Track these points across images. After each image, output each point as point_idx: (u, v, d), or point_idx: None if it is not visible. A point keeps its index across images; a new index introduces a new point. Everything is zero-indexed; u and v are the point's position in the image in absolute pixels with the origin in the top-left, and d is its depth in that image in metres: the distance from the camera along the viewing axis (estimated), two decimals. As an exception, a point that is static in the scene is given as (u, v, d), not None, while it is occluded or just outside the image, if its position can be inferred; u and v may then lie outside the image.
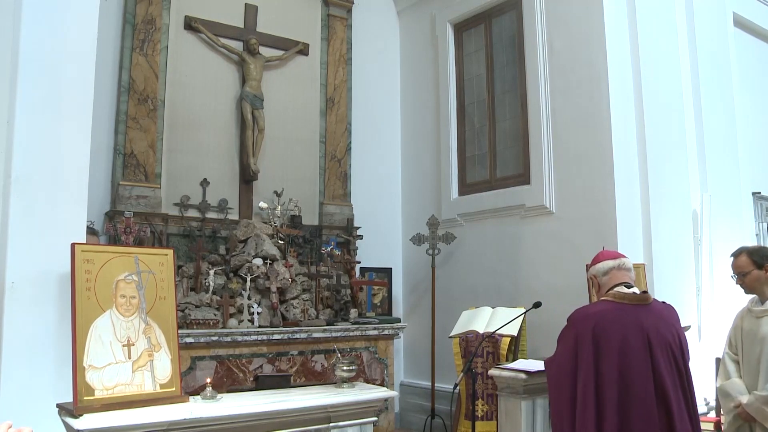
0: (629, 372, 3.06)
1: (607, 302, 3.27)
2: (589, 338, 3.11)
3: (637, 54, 6.20)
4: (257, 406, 3.25)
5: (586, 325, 3.16)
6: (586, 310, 3.28)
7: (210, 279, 5.87)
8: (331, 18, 7.69)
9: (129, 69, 6.28)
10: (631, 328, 3.14)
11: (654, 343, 3.14)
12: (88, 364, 2.98)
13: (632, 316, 3.18)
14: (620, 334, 3.11)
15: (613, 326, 3.13)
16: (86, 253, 3.12)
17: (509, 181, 6.98)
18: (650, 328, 3.17)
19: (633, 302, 3.26)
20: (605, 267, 3.40)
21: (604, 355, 3.08)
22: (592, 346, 3.10)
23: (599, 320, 3.16)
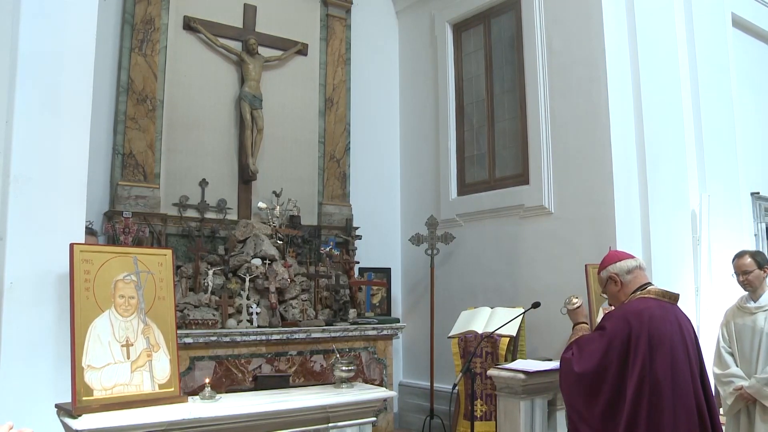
0: (677, 370, 3.06)
1: (650, 299, 3.22)
2: (645, 334, 3.05)
3: (636, 54, 6.20)
4: (256, 407, 3.25)
5: (641, 320, 3.09)
6: (635, 306, 3.17)
7: (209, 279, 5.87)
8: (330, 18, 7.69)
9: (128, 69, 6.28)
10: (675, 326, 3.15)
11: (688, 341, 3.18)
12: (87, 364, 2.98)
13: (672, 314, 3.20)
14: (669, 332, 3.10)
15: (664, 324, 3.11)
16: (85, 253, 3.12)
17: (508, 181, 6.98)
18: (683, 326, 3.20)
19: (670, 300, 3.27)
20: (629, 266, 3.34)
21: (658, 354, 3.04)
22: (647, 342, 3.04)
23: (652, 315, 3.11)
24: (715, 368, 4.70)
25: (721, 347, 4.69)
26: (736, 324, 4.62)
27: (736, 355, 4.61)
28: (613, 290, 3.36)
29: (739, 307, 4.67)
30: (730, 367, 4.58)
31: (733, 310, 4.72)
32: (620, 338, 3.10)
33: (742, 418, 4.51)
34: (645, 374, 3.02)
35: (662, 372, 3.02)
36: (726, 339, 4.69)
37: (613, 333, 3.14)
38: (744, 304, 4.63)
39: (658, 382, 3.01)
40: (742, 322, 4.58)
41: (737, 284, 4.71)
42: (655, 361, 3.03)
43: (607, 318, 3.28)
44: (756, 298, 4.57)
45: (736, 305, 4.70)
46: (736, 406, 4.50)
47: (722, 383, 4.61)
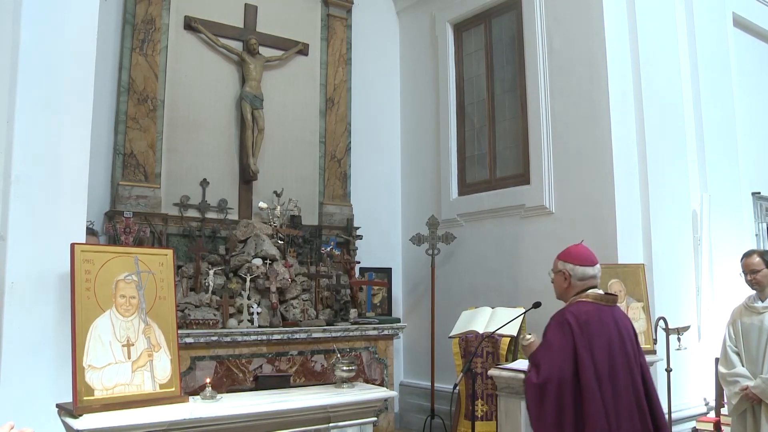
0: (615, 366, 3.20)
1: (588, 303, 3.36)
2: (585, 335, 3.20)
3: (636, 54, 6.20)
4: (257, 407, 3.25)
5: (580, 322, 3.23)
6: (575, 309, 3.32)
7: (209, 279, 5.87)
8: (331, 18, 7.69)
9: (129, 69, 6.28)
10: (612, 327, 3.29)
11: (626, 340, 3.33)
12: (88, 364, 2.98)
13: (609, 315, 3.34)
14: (606, 334, 3.25)
15: (601, 326, 3.26)
16: (86, 253, 3.12)
17: (509, 181, 6.98)
18: (621, 326, 3.35)
19: (608, 303, 3.41)
20: (586, 274, 3.45)
21: (597, 353, 3.18)
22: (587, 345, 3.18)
23: (588, 318, 3.25)
24: (721, 367, 4.68)
25: (728, 346, 4.66)
26: (743, 323, 4.59)
27: (742, 355, 4.58)
28: (560, 283, 3.50)
29: (746, 307, 4.64)
30: (736, 367, 4.55)
31: (740, 309, 4.69)
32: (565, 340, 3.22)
33: (748, 419, 4.49)
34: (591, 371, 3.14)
35: (601, 370, 3.15)
36: (732, 338, 4.66)
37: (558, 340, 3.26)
38: (751, 303, 4.61)
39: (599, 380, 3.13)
40: (749, 321, 4.56)
41: (743, 283, 4.71)
42: (595, 361, 3.16)
43: (549, 327, 3.38)
44: (764, 297, 4.56)
45: (744, 304, 4.67)
46: (741, 406, 4.49)
47: (727, 383, 4.59)
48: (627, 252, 5.85)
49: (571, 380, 3.15)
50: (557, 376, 3.16)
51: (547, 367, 3.23)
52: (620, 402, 3.16)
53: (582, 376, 3.14)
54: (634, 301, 5.60)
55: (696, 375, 6.06)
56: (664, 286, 5.98)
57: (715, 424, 5.51)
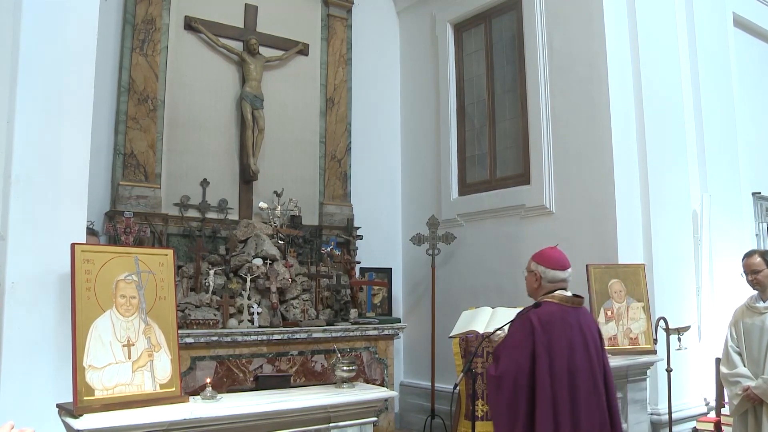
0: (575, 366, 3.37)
1: (553, 304, 3.51)
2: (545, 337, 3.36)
3: (637, 54, 6.20)
4: (257, 407, 3.25)
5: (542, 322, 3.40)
6: (538, 311, 3.47)
7: (210, 279, 5.87)
8: (331, 18, 7.69)
9: (129, 69, 6.28)
10: (575, 329, 3.46)
11: (589, 341, 3.49)
12: (88, 364, 2.97)
13: (573, 317, 3.50)
14: (568, 334, 3.41)
15: (563, 326, 3.43)
16: (86, 253, 3.12)
17: (509, 181, 6.98)
18: (585, 327, 3.51)
19: (573, 305, 3.55)
20: (557, 277, 3.59)
21: (556, 352, 3.36)
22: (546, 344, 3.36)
23: (551, 318, 3.43)
24: (723, 368, 4.67)
25: (729, 346, 4.65)
26: (745, 323, 4.58)
27: (744, 355, 4.57)
28: (531, 283, 3.66)
29: (748, 307, 4.63)
30: (738, 367, 4.54)
31: (742, 309, 4.68)
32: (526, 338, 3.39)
33: (750, 419, 4.48)
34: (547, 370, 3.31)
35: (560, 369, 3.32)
36: (734, 338, 4.65)
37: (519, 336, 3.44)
38: (753, 303, 4.60)
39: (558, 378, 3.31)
40: (750, 321, 4.55)
41: (744, 284, 4.70)
42: (554, 359, 3.33)
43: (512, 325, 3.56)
44: (765, 297, 4.56)
45: (745, 305, 4.66)
46: (742, 407, 4.47)
47: (729, 383, 4.58)
48: (627, 252, 5.85)
49: (527, 375, 3.32)
50: (514, 370, 3.34)
51: (505, 361, 3.42)
52: (579, 401, 3.33)
53: (537, 373, 3.31)
54: (634, 301, 5.59)
55: (696, 375, 6.06)
56: (664, 286, 5.98)
57: (716, 424, 5.50)
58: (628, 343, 5.50)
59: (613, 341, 5.47)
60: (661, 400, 5.59)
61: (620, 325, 5.52)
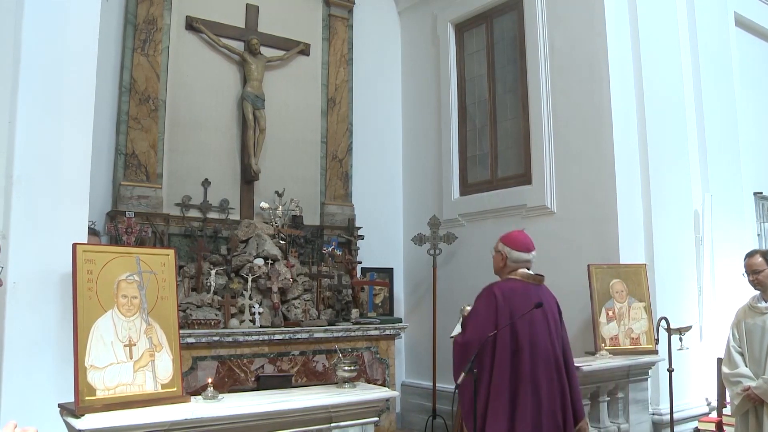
0: (535, 336, 3.69)
1: (516, 281, 3.85)
2: (507, 308, 3.68)
3: (638, 54, 6.19)
4: (259, 407, 3.25)
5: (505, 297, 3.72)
6: (502, 285, 3.82)
7: (211, 279, 5.87)
8: (332, 18, 7.69)
9: (130, 69, 6.28)
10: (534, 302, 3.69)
11: (549, 315, 3.82)
12: (90, 364, 2.98)
13: (534, 292, 3.81)
14: (528, 306, 3.66)
15: (524, 300, 3.71)
16: (88, 253, 3.12)
17: (510, 181, 6.98)
18: (544, 302, 3.76)
19: (534, 282, 3.90)
20: (521, 258, 3.92)
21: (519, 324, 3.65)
22: (508, 315, 3.65)
23: (513, 294, 3.75)
24: (724, 368, 4.66)
25: (731, 346, 4.63)
26: (747, 324, 4.57)
27: (746, 355, 4.57)
28: (498, 262, 3.99)
29: (750, 307, 4.62)
30: (739, 367, 4.53)
31: (744, 309, 4.67)
32: (490, 310, 3.71)
33: (751, 419, 4.47)
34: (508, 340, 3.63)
35: (522, 339, 3.64)
36: (736, 338, 4.63)
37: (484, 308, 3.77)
38: (755, 303, 4.58)
39: (520, 348, 3.63)
40: (752, 321, 4.54)
41: (745, 284, 4.69)
42: (516, 330, 3.65)
43: (478, 298, 3.88)
44: (767, 297, 4.55)
45: (748, 305, 4.65)
46: (743, 407, 4.47)
47: (730, 383, 4.58)
48: (629, 252, 5.85)
49: (490, 344, 3.63)
50: (477, 339, 3.62)
51: (471, 330, 3.77)
52: (539, 368, 3.64)
53: (498, 341, 3.63)
54: (635, 301, 5.59)
55: (698, 375, 6.05)
56: (665, 287, 5.97)
57: (717, 424, 5.50)
58: (629, 343, 5.50)
59: (615, 341, 5.47)
60: (662, 400, 5.59)
61: (622, 325, 5.52)
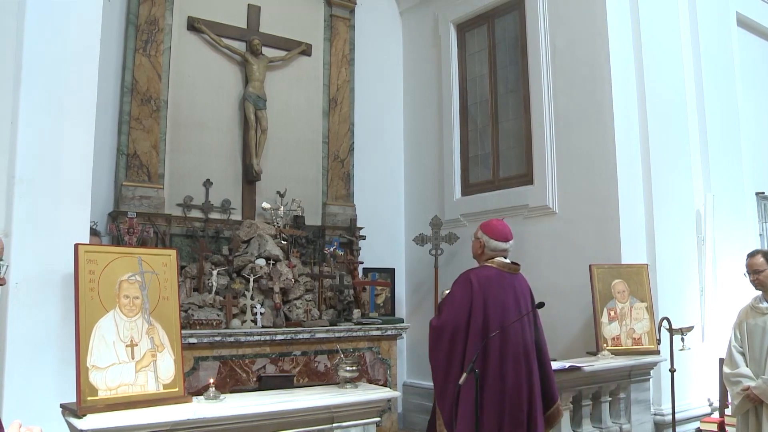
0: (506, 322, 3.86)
1: (492, 268, 4.06)
2: (481, 293, 3.88)
3: (640, 54, 6.19)
4: (260, 407, 3.25)
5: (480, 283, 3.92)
6: (478, 272, 4.03)
7: (213, 279, 5.87)
8: (334, 18, 7.69)
9: (132, 69, 6.29)
10: (508, 290, 3.99)
11: (521, 302, 4.02)
12: (92, 364, 2.98)
13: (509, 281, 4.04)
14: (501, 294, 3.94)
15: (498, 288, 3.95)
16: (90, 253, 3.13)
17: (512, 181, 6.97)
18: (518, 291, 4.05)
19: (510, 271, 4.10)
20: (498, 247, 4.11)
21: (490, 309, 3.87)
22: (482, 299, 3.87)
23: (488, 281, 3.96)
24: (725, 368, 4.66)
25: (732, 346, 4.63)
26: (749, 324, 4.57)
27: (747, 355, 4.56)
28: (476, 249, 4.19)
29: (752, 307, 4.62)
30: (740, 367, 4.53)
31: (746, 309, 4.67)
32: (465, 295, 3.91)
33: (751, 419, 4.47)
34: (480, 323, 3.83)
35: (493, 323, 3.82)
36: (738, 339, 4.63)
37: (459, 294, 3.96)
38: (757, 304, 4.58)
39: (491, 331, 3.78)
40: (753, 322, 4.54)
41: (747, 284, 4.68)
42: (488, 315, 3.85)
43: (455, 283, 4.07)
44: None
45: (750, 305, 4.65)
46: (743, 407, 4.47)
47: (730, 383, 4.58)
48: (630, 252, 5.84)
49: (464, 328, 3.83)
50: (452, 323, 3.86)
51: (445, 314, 3.96)
52: (508, 351, 3.84)
53: (471, 325, 3.82)
54: (637, 301, 5.59)
55: (700, 375, 6.04)
56: (667, 287, 5.97)
57: (719, 424, 5.50)
58: (631, 343, 5.49)
59: (617, 341, 5.47)
60: (664, 401, 5.58)
61: (623, 326, 5.52)
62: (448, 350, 3.84)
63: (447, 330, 3.86)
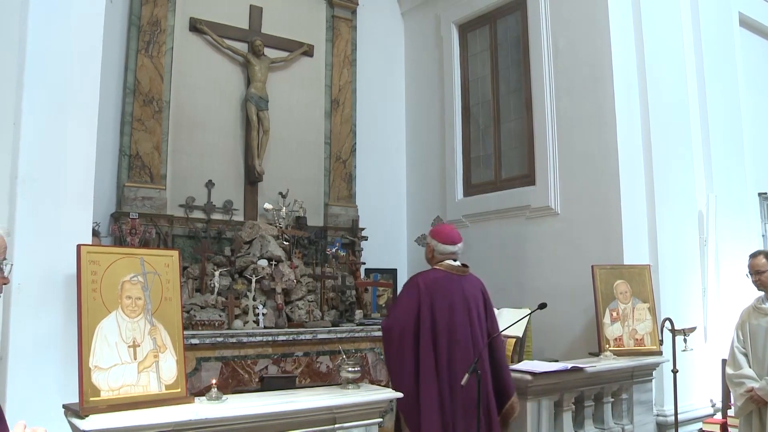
0: (454, 323, 4.02)
1: (440, 271, 4.20)
2: (428, 296, 4.02)
3: (642, 54, 6.18)
4: (262, 407, 3.25)
5: (427, 286, 4.06)
6: (426, 275, 4.17)
7: (215, 280, 5.87)
8: (336, 19, 7.69)
9: (134, 70, 6.30)
10: (456, 292, 4.11)
11: (471, 303, 4.14)
12: (94, 365, 2.98)
13: (456, 282, 4.17)
14: (449, 296, 4.07)
15: (445, 289, 4.09)
16: (92, 254, 3.13)
17: (514, 181, 6.97)
18: (467, 292, 4.17)
19: (457, 273, 4.22)
20: (447, 250, 4.27)
21: (437, 310, 4.01)
22: (430, 302, 4.01)
23: (435, 283, 4.10)
24: (728, 369, 4.65)
25: (735, 347, 4.63)
26: (751, 325, 4.56)
27: (750, 356, 4.55)
28: (427, 253, 4.39)
29: (755, 308, 4.61)
30: (743, 368, 4.52)
31: (749, 310, 4.66)
32: (412, 298, 4.05)
33: (754, 420, 4.46)
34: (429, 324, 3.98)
35: (441, 324, 3.99)
36: (741, 339, 4.62)
37: (406, 297, 4.11)
38: (760, 304, 4.57)
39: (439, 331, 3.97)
40: (756, 322, 4.53)
41: (750, 284, 4.67)
42: (435, 316, 4.00)
43: (404, 286, 4.27)
44: None
45: (753, 306, 4.64)
46: (747, 408, 4.45)
47: (734, 384, 4.57)
48: (633, 253, 5.83)
49: (411, 329, 3.97)
50: (399, 325, 4.02)
51: (393, 317, 4.17)
52: (456, 352, 3.98)
53: (420, 327, 3.96)
54: (639, 302, 5.58)
55: (702, 376, 6.03)
56: (670, 287, 5.96)
57: (722, 425, 5.48)
58: (633, 344, 5.48)
59: (619, 342, 5.46)
60: (667, 402, 5.57)
61: (626, 326, 5.51)
62: (398, 352, 4.02)
63: (394, 332, 4.03)
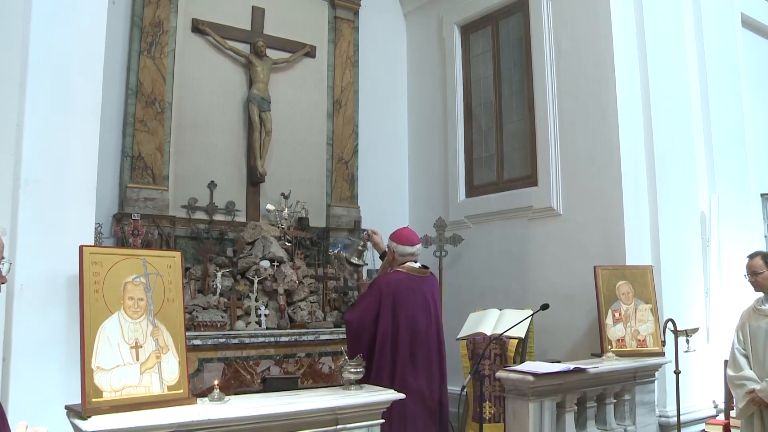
0: (416, 322, 4.25)
1: (402, 273, 4.39)
2: (390, 297, 4.21)
3: (644, 55, 6.18)
4: (265, 408, 3.25)
5: (389, 288, 4.26)
6: (388, 277, 4.38)
7: (217, 281, 5.88)
8: (338, 20, 7.70)
9: (137, 72, 6.31)
10: (417, 293, 4.33)
11: (430, 303, 4.39)
12: (96, 365, 2.98)
13: (418, 283, 4.39)
14: (411, 296, 4.28)
15: (407, 290, 4.30)
16: (94, 255, 3.13)
17: (516, 182, 6.97)
18: (426, 293, 4.40)
19: (418, 274, 4.43)
20: (406, 251, 4.44)
21: (400, 310, 4.20)
22: (391, 303, 4.20)
23: (398, 285, 4.29)
24: (729, 370, 4.62)
25: (735, 349, 4.59)
26: (751, 326, 4.53)
27: (750, 358, 4.52)
28: (389, 257, 4.50)
29: (755, 309, 4.58)
30: (744, 370, 4.49)
31: (749, 312, 4.63)
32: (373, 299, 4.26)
33: (756, 422, 4.43)
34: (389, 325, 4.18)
35: (403, 324, 4.19)
36: (741, 341, 4.58)
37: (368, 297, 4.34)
38: (760, 306, 4.54)
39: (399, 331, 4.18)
40: (756, 324, 4.50)
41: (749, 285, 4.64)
42: (398, 316, 4.20)
43: (369, 286, 4.49)
44: None
45: (753, 307, 4.61)
46: (748, 410, 4.42)
47: (735, 386, 4.54)
48: (635, 254, 5.83)
49: (369, 328, 4.20)
50: (356, 322, 4.27)
51: (352, 313, 4.41)
52: (419, 349, 4.24)
53: (379, 326, 4.17)
54: (642, 302, 5.57)
55: (705, 377, 6.02)
56: (672, 288, 5.95)
57: (725, 426, 5.48)
58: (636, 345, 5.48)
59: (621, 343, 5.46)
60: (669, 403, 5.57)
61: (628, 327, 5.50)
62: (355, 346, 4.21)
63: (352, 327, 4.30)
